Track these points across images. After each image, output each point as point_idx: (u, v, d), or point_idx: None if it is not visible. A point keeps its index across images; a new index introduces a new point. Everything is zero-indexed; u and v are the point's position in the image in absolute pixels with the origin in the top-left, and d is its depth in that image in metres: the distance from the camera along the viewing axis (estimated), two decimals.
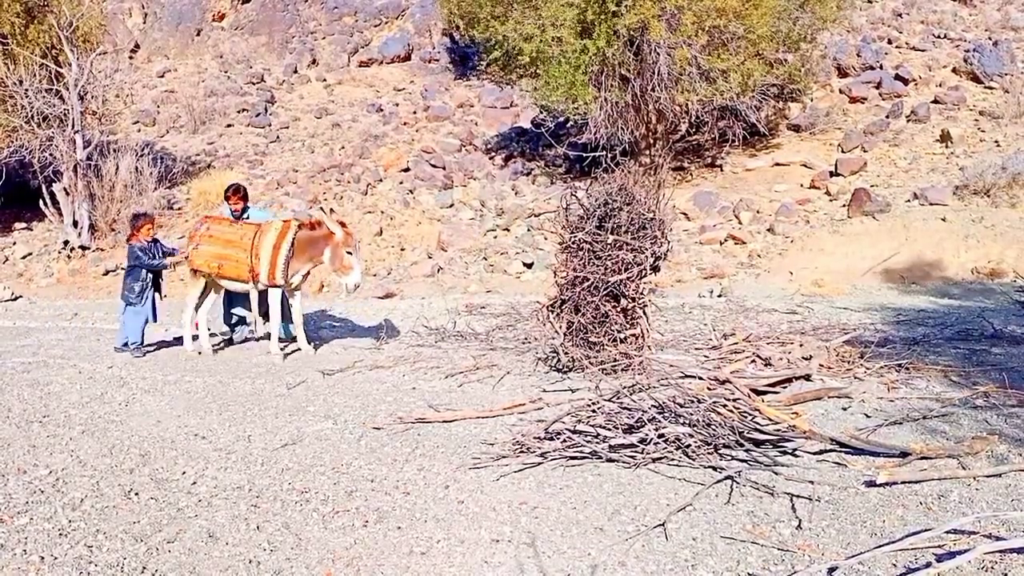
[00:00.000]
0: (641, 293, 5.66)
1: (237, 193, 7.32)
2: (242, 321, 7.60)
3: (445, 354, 6.61)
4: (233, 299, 7.44)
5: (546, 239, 11.86)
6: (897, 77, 15.82)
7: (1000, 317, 7.23)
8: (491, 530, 3.18)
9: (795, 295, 9.12)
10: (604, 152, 12.71)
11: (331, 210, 7.03)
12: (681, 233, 11.76)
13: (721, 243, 11.58)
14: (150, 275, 7.00)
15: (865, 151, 13.61)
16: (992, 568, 2.67)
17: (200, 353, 6.87)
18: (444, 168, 15.61)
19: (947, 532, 2.87)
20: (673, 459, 3.78)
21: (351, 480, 3.73)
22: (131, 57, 22.57)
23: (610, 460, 3.82)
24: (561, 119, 14.47)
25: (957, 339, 6.40)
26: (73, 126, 13.28)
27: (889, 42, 17.62)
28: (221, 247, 6.79)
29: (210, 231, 6.86)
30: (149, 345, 7.14)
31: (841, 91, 16.03)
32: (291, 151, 17.49)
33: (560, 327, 5.73)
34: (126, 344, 6.93)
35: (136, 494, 3.63)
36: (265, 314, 7.08)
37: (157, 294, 7.10)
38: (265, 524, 3.29)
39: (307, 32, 23.62)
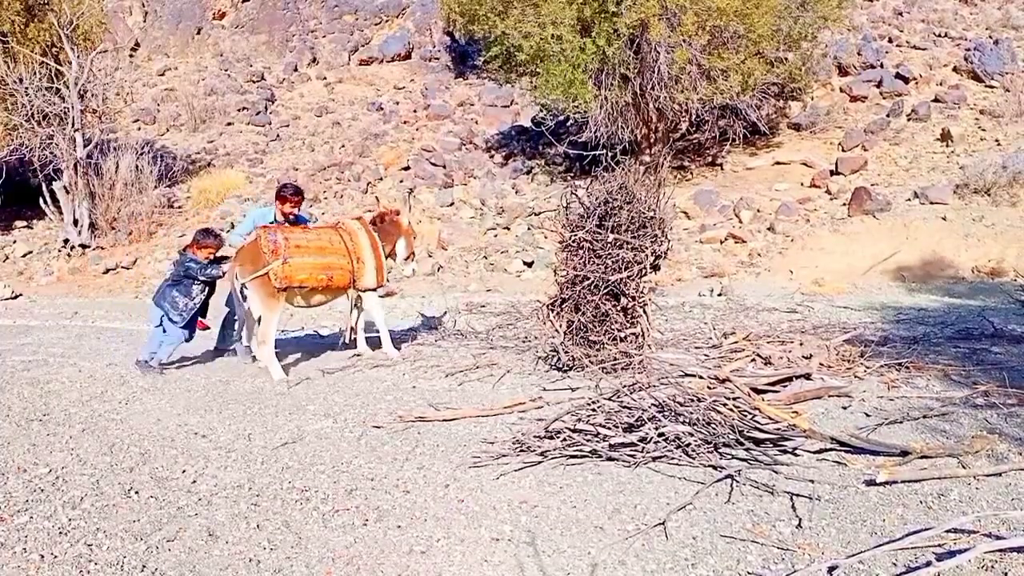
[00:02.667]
0: (641, 292, 5.66)
1: (298, 195, 6.38)
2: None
3: (445, 353, 6.61)
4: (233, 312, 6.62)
5: (546, 238, 11.86)
6: (898, 76, 15.80)
7: (1000, 316, 7.23)
8: (491, 529, 3.18)
9: (795, 294, 9.12)
10: (604, 151, 12.69)
11: (410, 194, 6.73)
12: (681, 232, 11.77)
13: (721, 242, 11.57)
14: (201, 295, 6.16)
15: (866, 150, 13.61)
16: (992, 567, 2.67)
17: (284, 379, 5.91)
18: (444, 167, 15.61)
19: (947, 531, 2.87)
20: (673, 458, 3.78)
21: (351, 479, 3.73)
22: (131, 55, 22.57)
23: (610, 459, 3.82)
24: (561, 117, 14.47)
25: (957, 338, 6.39)
26: (73, 124, 13.29)
27: (890, 41, 17.61)
28: (320, 256, 5.94)
29: (292, 240, 5.84)
30: (175, 362, 6.35)
31: (842, 90, 16.02)
32: (291, 149, 17.50)
33: (560, 326, 5.73)
34: (153, 356, 6.11)
35: (136, 492, 3.63)
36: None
37: (202, 317, 6.24)
38: (265, 523, 3.29)
39: (307, 30, 23.61)
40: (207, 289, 6.22)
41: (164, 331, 6.11)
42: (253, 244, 5.92)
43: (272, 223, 6.30)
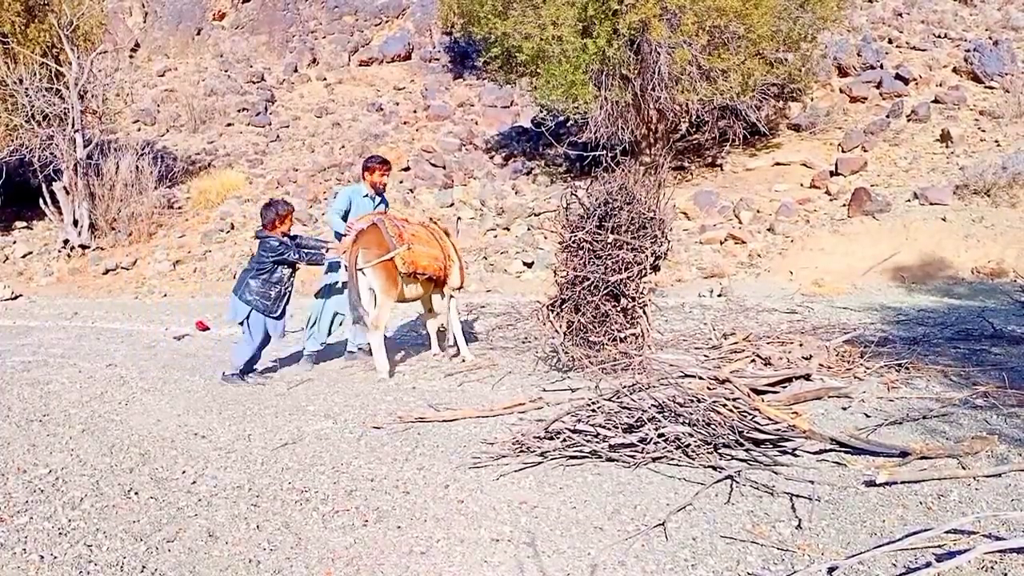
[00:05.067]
0: (641, 292, 5.66)
1: (385, 165, 6.25)
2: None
3: (445, 353, 6.61)
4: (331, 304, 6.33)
5: (546, 238, 11.85)
6: (897, 77, 15.80)
7: (1000, 317, 7.23)
8: (491, 529, 3.18)
9: (795, 295, 9.11)
10: (604, 151, 12.69)
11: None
12: (681, 232, 11.76)
13: (721, 243, 11.57)
14: (291, 279, 5.79)
15: (865, 151, 13.60)
16: (992, 568, 2.67)
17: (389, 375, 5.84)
18: (444, 167, 15.61)
19: (947, 532, 2.87)
20: (673, 459, 3.78)
21: (351, 479, 3.73)
22: (131, 56, 22.57)
23: (610, 459, 3.82)
24: (561, 118, 14.46)
25: (957, 339, 6.39)
26: (73, 125, 13.29)
27: (889, 41, 17.61)
28: (429, 247, 5.98)
29: (407, 229, 5.88)
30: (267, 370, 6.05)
31: (841, 91, 16.01)
32: (291, 150, 17.50)
33: (560, 327, 5.73)
34: (245, 364, 5.75)
35: (136, 493, 3.63)
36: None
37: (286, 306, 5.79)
38: (265, 523, 3.29)
39: (307, 31, 23.61)
40: (294, 273, 5.85)
41: (250, 332, 5.70)
42: (374, 228, 5.78)
43: (366, 197, 6.30)
